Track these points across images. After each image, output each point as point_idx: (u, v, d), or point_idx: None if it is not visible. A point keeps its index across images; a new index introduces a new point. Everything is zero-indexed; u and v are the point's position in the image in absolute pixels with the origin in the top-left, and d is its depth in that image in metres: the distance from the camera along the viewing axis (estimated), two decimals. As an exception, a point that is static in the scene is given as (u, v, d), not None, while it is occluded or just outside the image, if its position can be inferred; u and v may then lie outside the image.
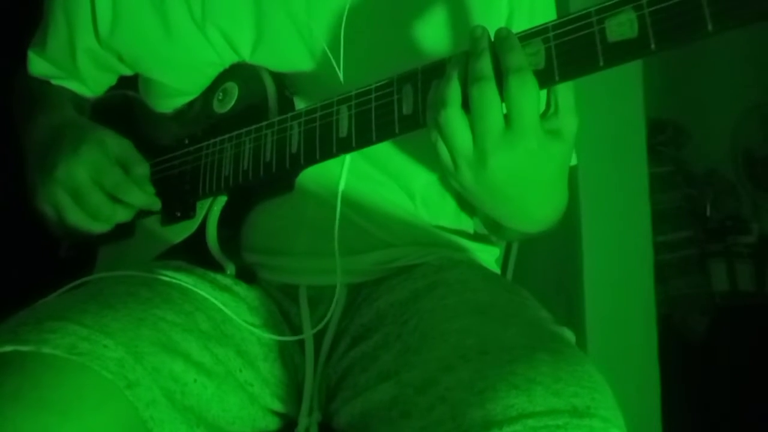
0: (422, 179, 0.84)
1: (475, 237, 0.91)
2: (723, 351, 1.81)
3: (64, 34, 0.90)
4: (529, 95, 0.60)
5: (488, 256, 0.90)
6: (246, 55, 0.83)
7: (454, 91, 0.62)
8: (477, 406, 0.56)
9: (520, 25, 0.80)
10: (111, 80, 0.95)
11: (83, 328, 0.60)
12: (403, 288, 0.78)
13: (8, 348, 0.57)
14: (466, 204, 0.90)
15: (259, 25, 0.82)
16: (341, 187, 0.79)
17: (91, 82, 0.94)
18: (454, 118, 0.62)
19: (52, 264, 0.95)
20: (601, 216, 1.41)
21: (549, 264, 1.45)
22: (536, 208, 0.73)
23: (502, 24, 0.81)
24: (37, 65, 0.95)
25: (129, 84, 0.95)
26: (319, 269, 0.82)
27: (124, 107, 0.95)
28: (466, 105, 0.62)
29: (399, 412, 0.63)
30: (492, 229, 0.91)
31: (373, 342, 0.73)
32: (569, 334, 0.71)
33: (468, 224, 0.91)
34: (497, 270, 0.94)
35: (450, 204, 0.88)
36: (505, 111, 0.62)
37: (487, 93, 0.61)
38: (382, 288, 0.80)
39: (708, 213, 2.03)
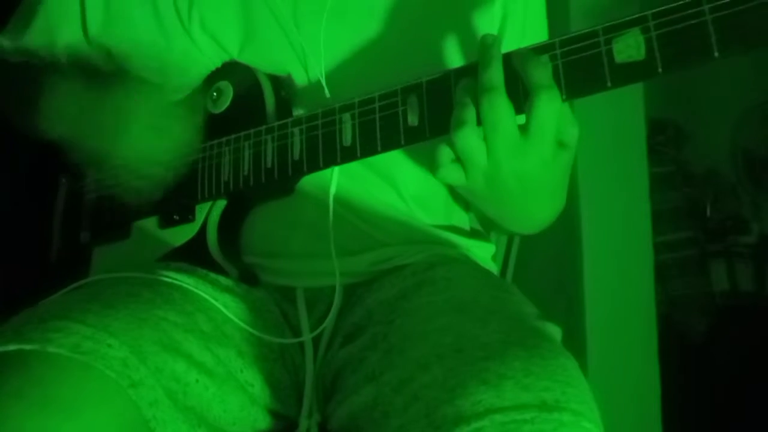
0: (412, 177, 0.84)
1: (470, 233, 0.92)
2: (723, 351, 1.81)
3: (43, 28, 0.88)
4: (554, 111, 0.61)
5: (483, 252, 0.91)
6: (234, 53, 0.83)
7: (468, 112, 0.62)
8: (448, 402, 0.57)
9: (512, 34, 0.81)
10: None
11: (87, 327, 0.60)
12: (392, 286, 0.78)
13: (12, 347, 0.57)
14: (458, 200, 0.90)
15: (247, 25, 0.82)
16: (332, 189, 0.80)
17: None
18: (469, 137, 0.62)
19: (44, 266, 0.95)
20: (601, 216, 1.41)
21: (549, 264, 1.45)
22: (538, 212, 0.75)
23: (495, 30, 0.82)
24: (9, 54, 0.92)
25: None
26: (316, 271, 0.82)
27: None
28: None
29: (380, 413, 0.64)
30: (485, 226, 0.92)
31: (361, 343, 0.73)
32: (554, 330, 0.72)
33: (462, 220, 0.92)
34: (494, 267, 0.94)
35: (442, 201, 0.88)
36: (520, 121, 0.62)
37: (498, 104, 0.61)
38: (373, 286, 0.80)
39: (708, 213, 2.03)
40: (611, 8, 1.29)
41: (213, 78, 0.85)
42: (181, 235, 0.84)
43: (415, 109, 0.69)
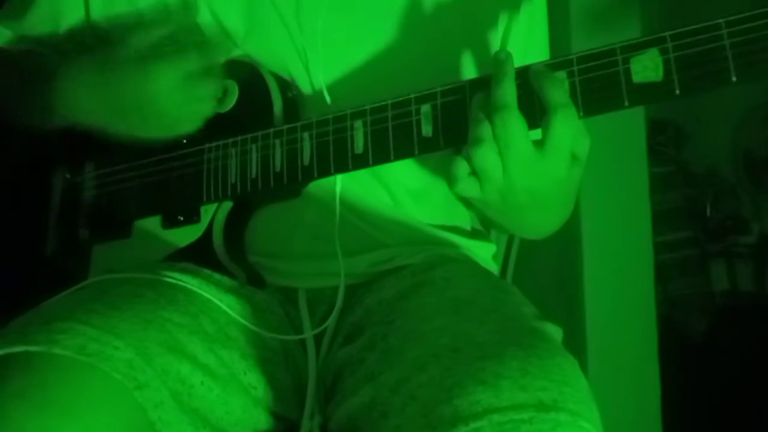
0: (411, 178, 0.84)
1: (471, 233, 0.92)
2: (723, 351, 1.81)
3: (48, 11, 0.87)
4: (571, 129, 0.61)
5: (483, 252, 0.91)
6: (238, 41, 0.82)
7: (484, 128, 0.62)
8: (445, 402, 0.57)
9: (515, 45, 0.81)
10: None
11: (92, 328, 0.60)
12: (391, 286, 0.78)
13: (18, 348, 0.57)
14: (459, 200, 0.90)
15: (250, 13, 0.82)
16: (338, 188, 0.79)
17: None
18: (487, 154, 0.62)
19: (39, 263, 0.95)
20: (601, 216, 1.41)
21: (549, 264, 1.45)
22: (548, 222, 0.76)
23: (498, 42, 0.82)
24: (8, 41, 0.90)
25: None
26: (318, 272, 0.82)
27: None
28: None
29: (378, 413, 0.63)
30: (486, 225, 0.93)
31: (360, 343, 0.73)
32: (553, 330, 0.72)
33: (463, 220, 0.92)
34: (495, 266, 0.94)
35: (442, 201, 0.88)
36: (536, 135, 0.62)
37: (510, 123, 0.61)
38: (373, 287, 0.80)
39: (708, 213, 2.03)
40: (611, 8, 1.29)
41: None
42: (185, 236, 0.83)
43: (429, 119, 0.69)
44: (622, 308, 1.43)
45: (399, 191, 0.84)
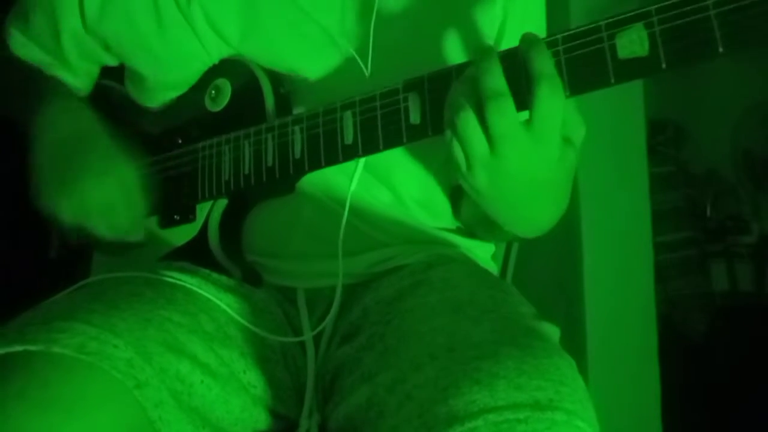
0: (413, 180, 0.84)
1: (470, 233, 0.91)
2: (723, 351, 1.81)
3: (48, 15, 0.87)
4: (558, 101, 0.59)
5: (483, 252, 0.91)
6: (234, 43, 0.82)
7: (463, 116, 0.61)
8: (441, 402, 0.57)
9: (511, 34, 0.81)
10: (95, 71, 0.94)
11: (92, 327, 0.60)
12: (389, 286, 0.78)
13: (17, 348, 0.57)
14: (458, 202, 0.90)
15: (248, 11, 0.81)
16: (351, 188, 0.79)
17: (78, 71, 0.92)
18: (470, 120, 0.60)
19: (43, 264, 0.95)
20: (601, 216, 1.41)
21: (549, 264, 1.45)
22: (542, 213, 0.74)
23: (495, 27, 0.82)
24: (20, 45, 0.91)
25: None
26: (317, 272, 0.82)
27: (105, 98, 0.93)
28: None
29: (375, 413, 0.64)
30: (484, 230, 0.90)
31: (357, 343, 0.73)
32: (551, 330, 0.71)
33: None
34: (494, 266, 0.94)
35: (442, 202, 0.88)
36: (524, 115, 0.61)
37: (506, 109, 0.59)
38: (372, 286, 0.80)
39: (708, 213, 2.03)
40: (611, 8, 1.29)
41: (210, 75, 0.84)
42: (182, 234, 0.84)
43: (417, 106, 0.68)
44: (622, 308, 1.43)
45: (403, 192, 0.84)
